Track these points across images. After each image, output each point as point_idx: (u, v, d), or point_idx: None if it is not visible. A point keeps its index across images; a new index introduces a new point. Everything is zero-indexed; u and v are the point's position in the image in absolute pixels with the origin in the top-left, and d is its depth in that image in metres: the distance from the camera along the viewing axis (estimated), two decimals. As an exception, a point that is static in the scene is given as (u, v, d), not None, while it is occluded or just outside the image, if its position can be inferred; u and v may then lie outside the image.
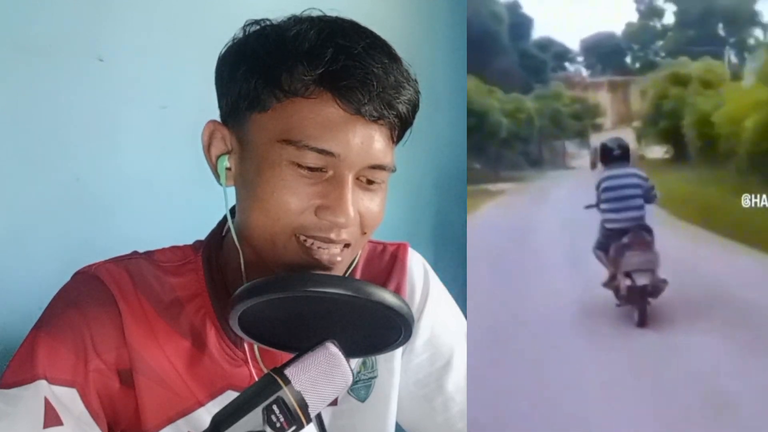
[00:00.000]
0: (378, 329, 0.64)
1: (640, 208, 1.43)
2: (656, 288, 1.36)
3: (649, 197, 1.43)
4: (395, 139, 0.68)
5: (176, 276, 0.72)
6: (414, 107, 0.67)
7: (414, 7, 1.69)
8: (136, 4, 1.12)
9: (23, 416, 0.62)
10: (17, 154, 1.00)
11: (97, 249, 0.77)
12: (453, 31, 1.72)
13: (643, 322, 1.34)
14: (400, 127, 0.67)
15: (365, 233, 0.68)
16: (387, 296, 0.61)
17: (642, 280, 1.36)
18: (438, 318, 0.83)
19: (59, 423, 0.63)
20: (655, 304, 1.35)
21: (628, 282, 1.39)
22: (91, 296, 0.68)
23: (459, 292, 0.90)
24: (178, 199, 1.16)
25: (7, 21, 0.98)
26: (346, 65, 0.62)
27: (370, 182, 0.66)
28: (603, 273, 1.47)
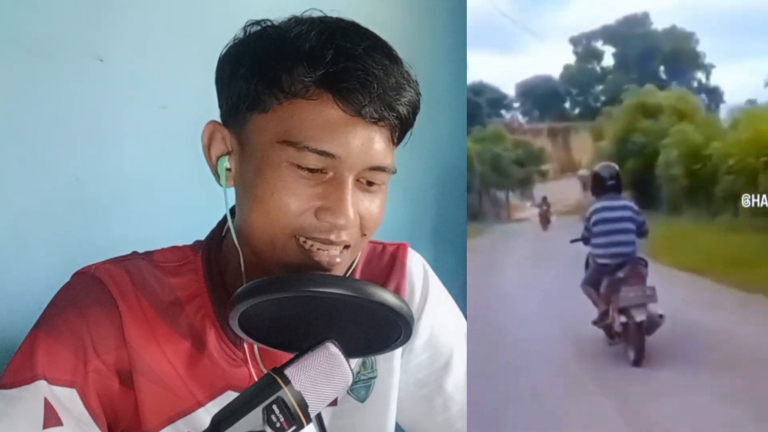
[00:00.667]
0: (378, 329, 0.64)
1: (632, 243, 1.35)
2: (652, 324, 1.29)
3: (641, 231, 1.36)
4: (396, 141, 0.68)
5: (176, 276, 0.72)
6: (414, 109, 0.67)
7: (414, 7, 1.69)
8: (136, 4, 1.12)
9: (23, 416, 0.62)
10: (17, 154, 1.00)
11: (97, 249, 0.77)
12: (453, 31, 1.72)
13: (639, 361, 1.27)
14: (400, 129, 0.67)
15: (365, 235, 0.68)
16: (387, 296, 0.61)
17: (640, 316, 1.29)
18: (438, 318, 0.83)
19: (59, 423, 0.63)
20: (650, 341, 1.29)
21: (623, 318, 1.32)
22: (91, 296, 0.68)
23: (459, 292, 0.90)
24: (178, 199, 1.15)
25: (7, 21, 0.98)
26: (347, 67, 0.62)
27: (370, 184, 0.66)
28: (590, 312, 1.41)
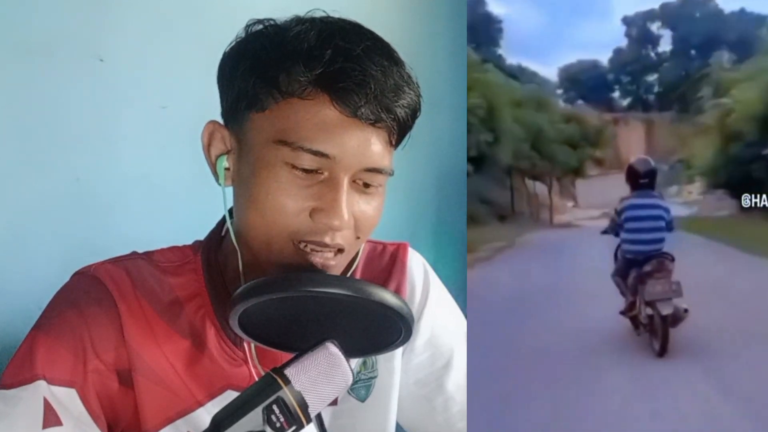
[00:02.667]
0: (378, 329, 0.64)
1: (661, 240, 1.38)
2: (677, 317, 1.33)
3: (670, 228, 1.39)
4: (394, 143, 0.67)
5: (175, 276, 0.72)
6: (413, 112, 0.66)
7: (414, 7, 1.69)
8: (136, 4, 1.12)
9: (22, 417, 0.62)
10: (17, 154, 1.00)
11: (97, 249, 0.77)
12: (453, 31, 1.72)
13: (664, 352, 1.31)
14: (398, 131, 0.66)
15: (359, 237, 0.67)
16: (387, 296, 0.61)
17: (666, 310, 1.32)
18: (438, 318, 0.83)
19: (58, 423, 0.63)
20: (674, 332, 1.31)
21: (648, 311, 1.35)
22: (91, 296, 0.68)
23: (459, 292, 0.90)
24: (178, 199, 1.16)
25: (7, 21, 0.98)
26: (344, 67, 0.61)
27: (366, 185, 0.65)
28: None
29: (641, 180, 1.38)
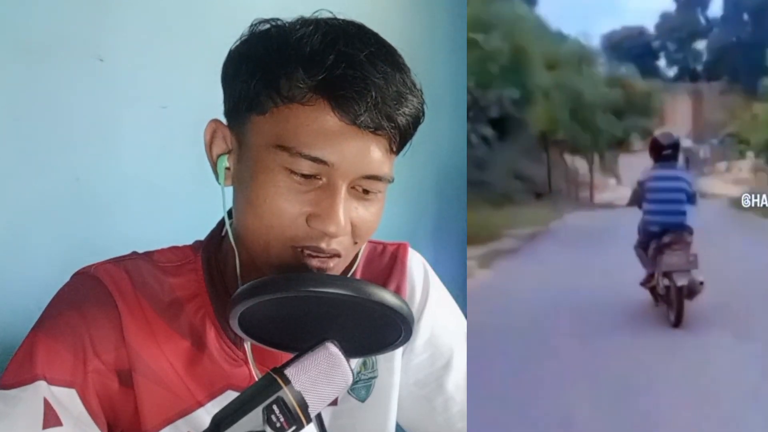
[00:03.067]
0: (378, 329, 0.64)
1: (683, 213, 1.40)
2: (693, 289, 1.35)
3: (692, 200, 1.41)
4: (395, 150, 0.66)
5: (175, 276, 0.71)
6: (415, 119, 0.65)
7: (414, 7, 1.69)
8: (136, 4, 1.12)
9: (22, 417, 0.62)
10: (17, 154, 1.00)
11: (97, 249, 0.77)
12: (453, 31, 1.72)
13: (678, 323, 1.33)
14: (399, 139, 0.65)
15: (356, 243, 0.67)
16: (387, 296, 0.61)
17: (681, 281, 1.35)
18: (438, 318, 0.83)
19: (58, 423, 0.63)
20: (690, 305, 1.33)
21: (666, 282, 1.38)
22: (91, 297, 0.68)
23: (459, 292, 0.90)
24: (178, 199, 1.16)
25: (7, 21, 0.98)
26: (345, 74, 0.60)
27: (366, 191, 0.65)
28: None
29: (664, 152, 1.40)
